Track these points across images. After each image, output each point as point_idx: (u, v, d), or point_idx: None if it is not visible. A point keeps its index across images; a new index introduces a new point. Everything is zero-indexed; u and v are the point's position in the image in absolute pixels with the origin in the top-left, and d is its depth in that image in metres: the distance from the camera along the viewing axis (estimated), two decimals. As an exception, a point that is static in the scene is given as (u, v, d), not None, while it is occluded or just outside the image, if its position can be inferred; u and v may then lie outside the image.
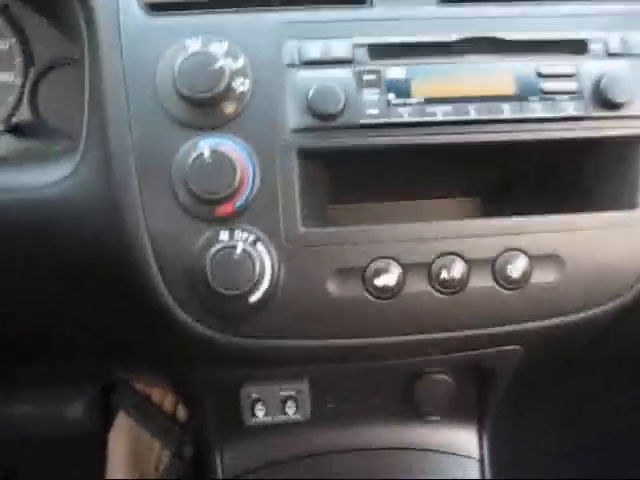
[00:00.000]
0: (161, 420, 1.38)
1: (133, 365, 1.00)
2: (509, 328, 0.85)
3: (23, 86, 0.96)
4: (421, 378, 0.96)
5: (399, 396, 0.99)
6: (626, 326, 0.93)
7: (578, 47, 0.82)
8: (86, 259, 0.82)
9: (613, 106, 0.80)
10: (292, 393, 0.93)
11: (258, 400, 0.93)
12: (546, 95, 0.80)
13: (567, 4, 0.85)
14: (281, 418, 0.94)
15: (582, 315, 0.85)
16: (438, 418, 1.02)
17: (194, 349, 0.83)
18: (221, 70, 0.76)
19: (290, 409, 0.94)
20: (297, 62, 0.79)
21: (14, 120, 0.95)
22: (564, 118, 0.80)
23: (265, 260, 0.77)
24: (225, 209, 0.77)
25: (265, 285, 0.77)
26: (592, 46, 0.82)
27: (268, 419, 0.94)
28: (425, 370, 0.96)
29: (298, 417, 0.94)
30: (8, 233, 0.82)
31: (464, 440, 1.06)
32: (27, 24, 0.96)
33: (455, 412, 1.03)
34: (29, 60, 0.96)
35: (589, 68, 0.81)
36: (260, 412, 0.94)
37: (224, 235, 0.77)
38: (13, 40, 0.96)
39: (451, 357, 0.90)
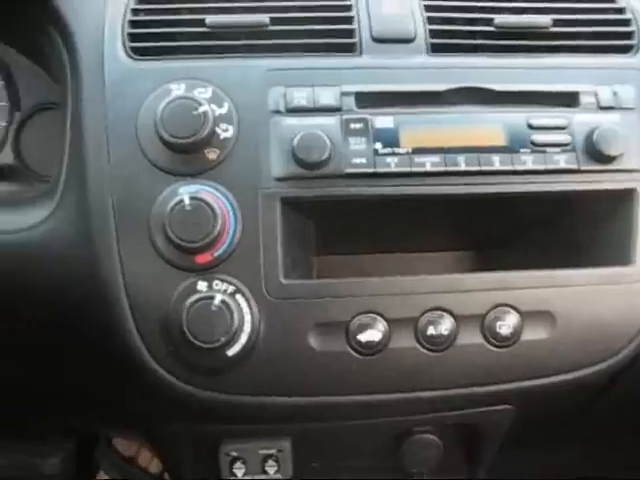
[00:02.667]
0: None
1: (106, 418, 0.96)
2: (499, 387, 0.81)
3: (7, 129, 0.95)
4: (407, 438, 0.92)
5: (385, 455, 0.95)
6: (623, 384, 0.90)
7: (569, 99, 0.81)
8: (59, 306, 0.79)
9: (605, 159, 0.79)
10: (273, 452, 0.88)
11: (237, 458, 0.88)
12: (537, 147, 0.78)
13: (557, 56, 0.84)
14: (261, 477, 0.89)
15: (575, 374, 0.82)
16: (425, 477, 0.98)
17: (168, 403, 0.80)
18: (205, 115, 0.74)
19: (271, 468, 0.89)
20: (283, 109, 0.77)
21: (-5, 163, 0.93)
22: (556, 171, 0.78)
23: (244, 312, 0.75)
24: (204, 258, 0.74)
25: (244, 338, 0.74)
26: (583, 99, 0.81)
27: (247, 478, 0.89)
28: (412, 429, 0.92)
29: (279, 477, 0.90)
30: None
31: None
32: (14, 67, 0.95)
33: (443, 471, 0.99)
34: (15, 104, 0.95)
35: (581, 121, 0.80)
36: (239, 471, 0.89)
37: (202, 285, 0.74)
38: (0, 83, 0.95)
39: (438, 416, 0.86)
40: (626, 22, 0.87)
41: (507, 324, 0.78)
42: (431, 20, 0.83)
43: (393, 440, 0.91)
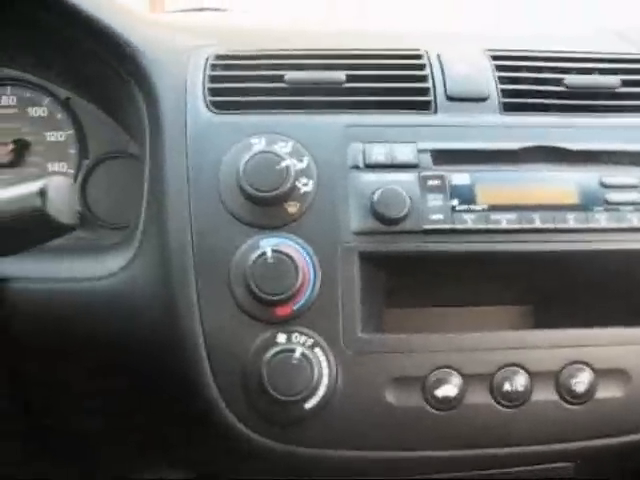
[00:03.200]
0: None
1: (184, 472, 0.95)
2: (571, 445, 0.81)
3: (75, 177, 0.97)
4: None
5: None
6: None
7: (639, 159, 0.82)
8: (137, 354, 0.79)
9: None
10: None
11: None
12: (611, 206, 0.79)
13: (626, 116, 0.86)
14: None
15: None
16: None
17: (242, 456, 0.79)
18: (287, 170, 0.75)
19: None
20: (361, 165, 0.79)
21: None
22: (630, 229, 0.79)
23: (323, 365, 0.75)
24: (284, 311, 0.75)
25: (322, 391, 0.74)
26: None
27: None
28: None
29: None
30: (59, 324, 0.80)
31: None
32: (85, 117, 0.97)
33: None
34: (84, 152, 0.97)
35: None
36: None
37: (282, 338, 0.75)
38: (70, 132, 0.97)
39: (506, 472, 0.86)
40: None
41: (582, 381, 0.78)
42: (502, 80, 0.85)
43: None
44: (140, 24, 0.90)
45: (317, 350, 0.75)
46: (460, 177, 0.79)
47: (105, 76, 0.90)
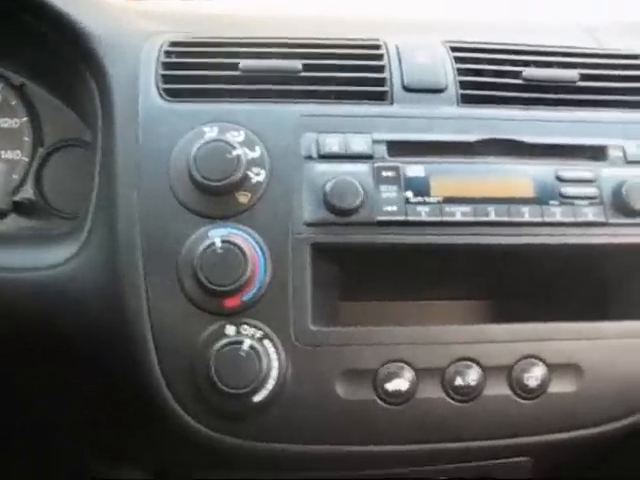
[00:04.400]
0: None
1: (129, 462, 0.94)
2: (523, 439, 0.80)
3: (30, 165, 0.95)
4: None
5: None
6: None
7: (597, 153, 0.82)
8: (85, 345, 0.78)
9: (633, 213, 0.79)
10: None
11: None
12: (566, 200, 0.79)
13: (585, 110, 0.85)
14: None
15: (599, 429, 0.81)
16: None
17: (189, 448, 0.78)
18: (238, 159, 0.74)
19: None
20: (315, 155, 0.78)
21: (17, 198, 0.93)
22: (584, 223, 0.79)
23: (272, 358, 0.74)
24: (233, 302, 0.74)
25: (271, 384, 0.73)
26: (611, 153, 0.82)
27: None
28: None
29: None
30: (5, 313, 0.79)
31: None
32: (41, 104, 0.95)
33: None
34: (38, 140, 0.95)
35: (608, 174, 0.81)
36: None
37: (230, 329, 0.74)
38: (25, 119, 0.95)
39: (460, 467, 0.85)
40: None
41: (534, 376, 0.77)
42: (461, 71, 0.84)
43: None
44: (95, 9, 0.88)
45: (266, 342, 0.74)
46: (415, 169, 0.78)
47: (59, 62, 0.88)
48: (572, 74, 0.86)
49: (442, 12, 1.05)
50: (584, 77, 0.86)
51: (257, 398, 0.73)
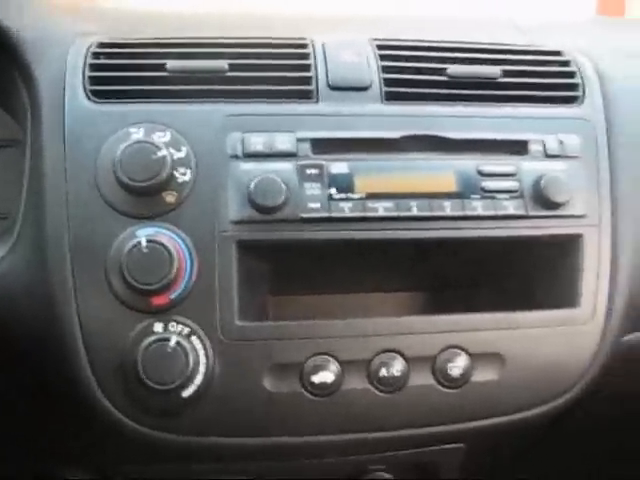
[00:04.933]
0: None
1: (60, 458, 0.95)
2: (450, 427, 0.83)
3: None
4: (363, 476, 0.93)
5: None
6: (571, 423, 0.92)
7: (518, 148, 0.84)
8: (14, 343, 0.79)
9: (552, 206, 0.82)
10: None
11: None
12: (487, 193, 0.81)
13: (507, 106, 0.87)
14: None
15: (520, 416, 0.84)
16: None
17: (122, 444, 0.80)
18: (163, 159, 0.75)
19: None
20: (240, 154, 0.79)
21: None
22: (504, 217, 0.81)
23: (200, 354, 0.75)
24: (160, 300, 0.75)
25: (199, 380, 0.75)
26: (531, 147, 0.84)
27: None
28: (367, 468, 0.93)
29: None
30: None
31: None
32: None
33: None
34: None
35: (529, 168, 0.83)
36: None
37: (158, 327, 0.75)
38: None
39: (391, 455, 0.87)
40: (571, 74, 0.90)
41: (457, 366, 0.80)
42: (386, 69, 0.86)
43: (348, 479, 0.92)
44: (24, 9, 0.88)
45: (194, 339, 0.75)
46: (339, 166, 0.80)
47: None
48: (494, 70, 0.88)
49: (372, 8, 1.06)
50: (507, 73, 0.88)
51: (186, 393, 0.75)
